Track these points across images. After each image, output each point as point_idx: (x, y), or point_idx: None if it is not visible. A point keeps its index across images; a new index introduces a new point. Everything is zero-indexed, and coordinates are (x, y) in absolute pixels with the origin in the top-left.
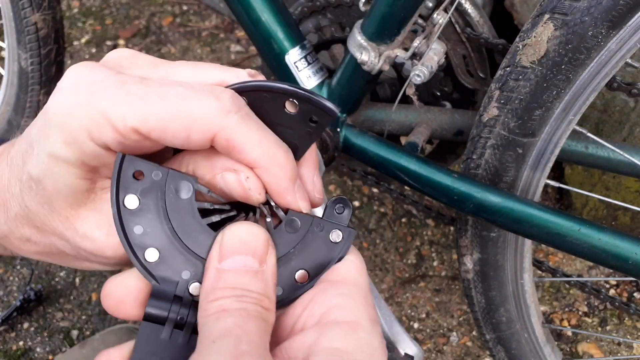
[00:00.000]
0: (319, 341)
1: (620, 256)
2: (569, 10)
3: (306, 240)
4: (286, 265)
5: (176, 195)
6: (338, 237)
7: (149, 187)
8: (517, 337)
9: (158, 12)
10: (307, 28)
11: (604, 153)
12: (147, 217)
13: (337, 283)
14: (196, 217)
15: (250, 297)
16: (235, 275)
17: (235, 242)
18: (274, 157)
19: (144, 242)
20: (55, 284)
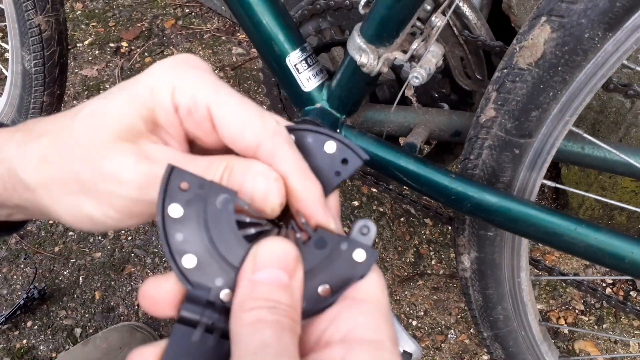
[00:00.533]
0: (345, 358)
1: (616, 255)
2: (565, 12)
3: (331, 258)
4: (311, 280)
5: (217, 207)
6: (361, 256)
7: (193, 198)
8: (514, 335)
9: (160, 15)
10: (307, 31)
11: (600, 153)
12: (188, 225)
13: (361, 301)
14: (233, 228)
15: (281, 309)
16: (268, 287)
17: (268, 255)
18: (307, 172)
19: (183, 248)
20: (58, 283)
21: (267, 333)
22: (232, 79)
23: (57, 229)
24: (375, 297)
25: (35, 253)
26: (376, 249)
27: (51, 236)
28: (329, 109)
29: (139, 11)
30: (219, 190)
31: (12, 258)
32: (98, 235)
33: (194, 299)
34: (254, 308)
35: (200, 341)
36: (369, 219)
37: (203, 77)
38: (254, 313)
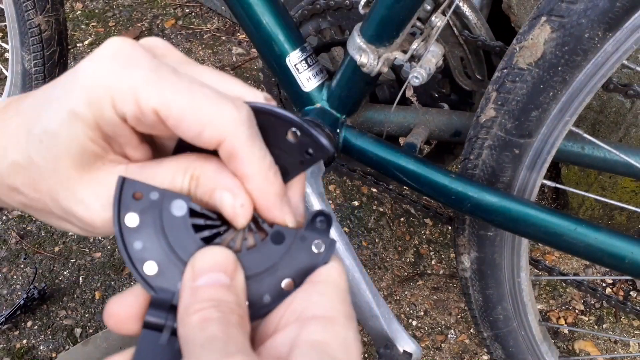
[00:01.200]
0: (300, 335)
1: (616, 255)
2: (565, 12)
3: (291, 252)
4: (273, 275)
5: (172, 213)
6: (320, 247)
7: (148, 206)
8: (514, 335)
9: (160, 15)
10: (307, 31)
11: (600, 153)
12: (146, 233)
13: (317, 283)
14: (190, 232)
15: (226, 306)
16: (210, 289)
17: (206, 262)
18: (267, 174)
19: (143, 256)
20: (58, 283)
21: (213, 328)
22: None
23: (57, 229)
24: (331, 279)
25: (35, 253)
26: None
27: (51, 236)
28: (329, 109)
29: (139, 11)
30: (172, 196)
31: (12, 258)
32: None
33: (158, 304)
34: (199, 310)
35: (167, 344)
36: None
37: (143, 74)
38: (200, 314)
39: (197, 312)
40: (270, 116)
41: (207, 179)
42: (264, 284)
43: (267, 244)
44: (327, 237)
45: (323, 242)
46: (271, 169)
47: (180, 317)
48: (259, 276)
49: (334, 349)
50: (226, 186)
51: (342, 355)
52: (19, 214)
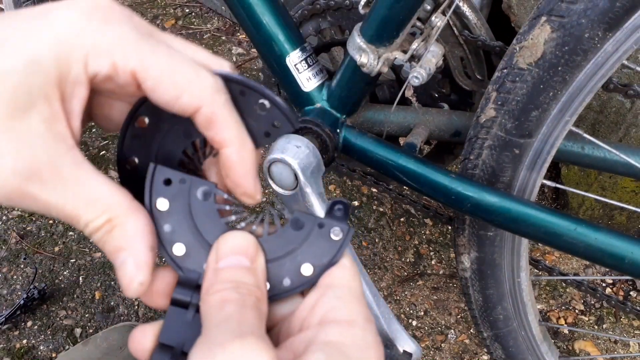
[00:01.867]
0: (317, 336)
1: (616, 255)
2: (565, 12)
3: (310, 238)
4: (293, 260)
5: (199, 199)
6: (338, 234)
7: (177, 192)
8: (514, 335)
9: (161, 15)
10: (307, 31)
11: (600, 153)
12: (175, 217)
13: (334, 287)
14: (216, 217)
15: (245, 287)
16: (231, 271)
17: (229, 246)
18: (245, 140)
19: (172, 238)
20: (58, 283)
21: (230, 308)
22: None
23: (57, 229)
24: (347, 282)
25: (35, 253)
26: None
27: (51, 236)
28: (329, 109)
29: (139, 11)
30: (199, 183)
31: (12, 258)
32: None
33: (185, 283)
34: (219, 290)
35: (192, 320)
36: (342, 198)
37: (121, 33)
38: (219, 294)
39: (217, 292)
40: (240, 86)
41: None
42: (284, 268)
43: (288, 229)
44: (345, 225)
45: (341, 229)
46: (247, 135)
47: (203, 296)
48: (279, 260)
49: (350, 349)
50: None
51: (358, 355)
52: (19, 213)
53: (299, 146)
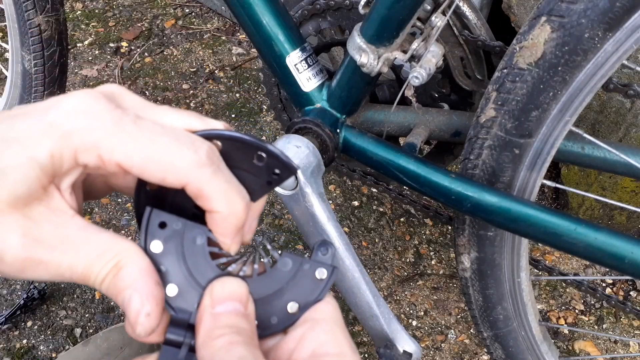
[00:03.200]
0: None
1: (616, 255)
2: (565, 12)
3: (296, 278)
4: (280, 298)
5: (192, 242)
6: (323, 274)
7: (171, 234)
8: (514, 335)
9: (160, 15)
10: (307, 31)
11: (600, 153)
12: (169, 258)
13: (321, 321)
14: (208, 259)
15: (245, 333)
16: (230, 317)
17: (224, 291)
18: (234, 208)
19: (165, 279)
20: (58, 283)
21: (240, 349)
22: (232, 79)
23: None
24: (332, 316)
25: None
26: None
27: None
28: (329, 109)
29: (139, 11)
30: (193, 226)
31: None
32: None
33: (177, 323)
34: (223, 334)
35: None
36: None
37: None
38: (225, 338)
39: (222, 336)
40: (235, 142)
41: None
42: (272, 307)
43: (276, 269)
44: (330, 265)
45: (326, 269)
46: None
47: (203, 339)
48: (267, 299)
49: None
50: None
51: None
52: None
53: (299, 146)
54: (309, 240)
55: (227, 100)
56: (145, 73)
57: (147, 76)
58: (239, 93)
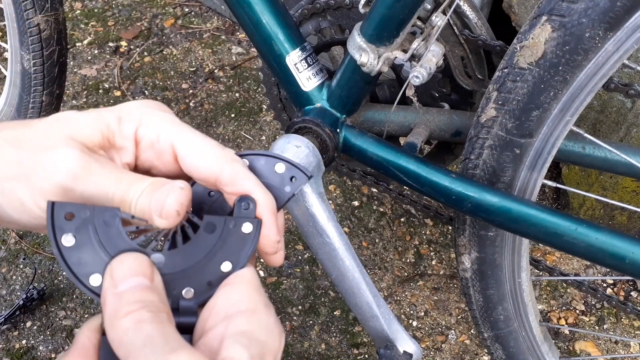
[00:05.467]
0: (227, 329)
1: (617, 255)
2: (566, 12)
3: (223, 237)
4: (212, 261)
5: (105, 226)
6: (248, 228)
7: (81, 224)
8: (515, 335)
9: (160, 14)
10: (307, 30)
11: (601, 153)
12: (85, 249)
13: (234, 284)
14: (126, 240)
15: (154, 306)
16: (135, 293)
17: (125, 268)
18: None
19: (86, 271)
20: (58, 283)
21: (148, 327)
22: (231, 78)
23: None
24: (245, 278)
25: (35, 253)
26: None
27: None
28: (329, 108)
29: (139, 10)
30: (102, 210)
31: (11, 258)
32: None
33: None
34: (129, 312)
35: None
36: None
37: (168, 118)
38: (131, 316)
39: (127, 315)
40: (257, 157)
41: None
42: (206, 271)
43: (201, 235)
44: (254, 218)
45: (250, 222)
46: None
47: (109, 321)
48: (199, 264)
49: (258, 333)
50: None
51: (265, 337)
52: None
53: (298, 146)
54: (309, 241)
55: (227, 100)
56: (144, 72)
57: (147, 76)
58: (239, 92)
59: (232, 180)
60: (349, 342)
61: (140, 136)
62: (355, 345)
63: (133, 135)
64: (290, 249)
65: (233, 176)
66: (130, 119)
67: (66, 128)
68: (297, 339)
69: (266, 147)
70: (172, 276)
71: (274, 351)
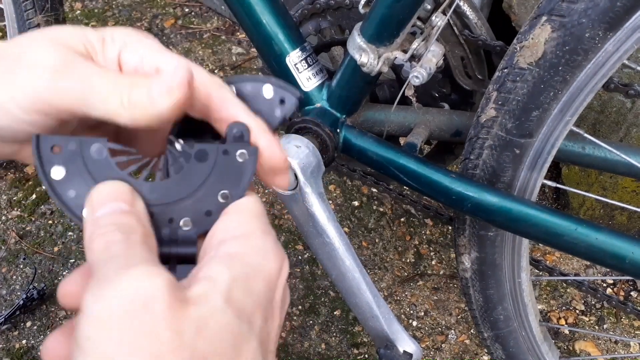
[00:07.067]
0: (217, 253)
1: (617, 255)
2: (566, 12)
3: (218, 166)
4: (208, 190)
5: (93, 157)
6: (244, 156)
7: (69, 156)
8: (515, 335)
9: (160, 14)
10: (307, 30)
11: (600, 153)
12: (75, 181)
13: (232, 213)
14: (116, 170)
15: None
16: (111, 216)
17: (103, 194)
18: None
19: (77, 203)
20: (58, 283)
21: (115, 247)
22: None
23: (57, 229)
24: (245, 207)
25: (35, 253)
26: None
27: (50, 236)
28: (329, 108)
29: (139, 11)
30: (89, 141)
31: (11, 258)
32: None
33: None
34: (101, 234)
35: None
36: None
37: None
38: (102, 238)
39: (99, 237)
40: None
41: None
42: (203, 200)
43: (194, 164)
44: (248, 145)
45: (245, 149)
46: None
47: (86, 246)
48: (195, 194)
49: (249, 257)
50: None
51: (256, 260)
52: (18, 214)
53: (298, 146)
54: (309, 241)
55: None
56: None
57: None
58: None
59: (221, 106)
60: (349, 342)
61: (123, 60)
62: (355, 345)
63: (116, 58)
64: (290, 249)
65: (221, 102)
66: (114, 42)
67: (50, 33)
68: (297, 338)
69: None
70: (166, 206)
71: (267, 275)
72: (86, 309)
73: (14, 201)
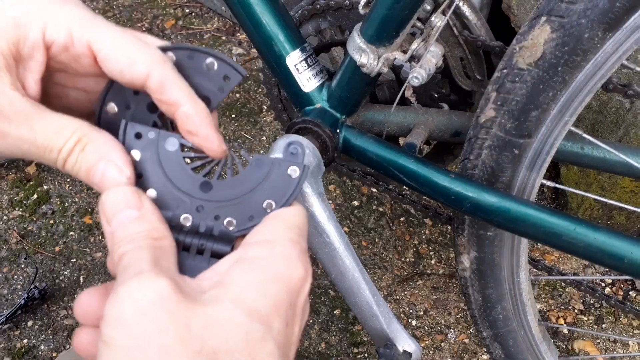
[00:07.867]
0: (240, 255)
1: (615, 255)
2: (565, 12)
3: (270, 177)
4: (255, 196)
5: (167, 149)
6: (295, 172)
7: (146, 144)
8: (514, 335)
9: (161, 15)
10: (307, 31)
11: (599, 153)
12: (147, 165)
13: (269, 219)
14: (182, 164)
15: (137, 235)
16: (123, 228)
17: (111, 205)
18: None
19: (145, 184)
20: (59, 283)
21: (126, 259)
22: None
23: (58, 229)
24: (282, 214)
25: (36, 253)
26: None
27: (52, 236)
28: (328, 109)
29: (139, 11)
30: (166, 135)
31: (13, 258)
32: (99, 235)
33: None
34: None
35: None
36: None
37: (77, 11)
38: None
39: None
40: (187, 52)
41: (95, 148)
42: (248, 204)
43: (249, 170)
44: (301, 163)
45: (297, 166)
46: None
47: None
48: (243, 198)
49: (267, 261)
50: (113, 160)
51: (277, 267)
52: (19, 213)
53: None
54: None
55: (227, 100)
56: None
57: None
58: (239, 93)
59: (161, 87)
60: (349, 341)
61: (49, 40)
62: (355, 344)
63: (41, 40)
64: None
65: (162, 82)
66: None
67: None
68: None
69: (267, 147)
70: (217, 203)
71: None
72: (106, 315)
73: (15, 201)
